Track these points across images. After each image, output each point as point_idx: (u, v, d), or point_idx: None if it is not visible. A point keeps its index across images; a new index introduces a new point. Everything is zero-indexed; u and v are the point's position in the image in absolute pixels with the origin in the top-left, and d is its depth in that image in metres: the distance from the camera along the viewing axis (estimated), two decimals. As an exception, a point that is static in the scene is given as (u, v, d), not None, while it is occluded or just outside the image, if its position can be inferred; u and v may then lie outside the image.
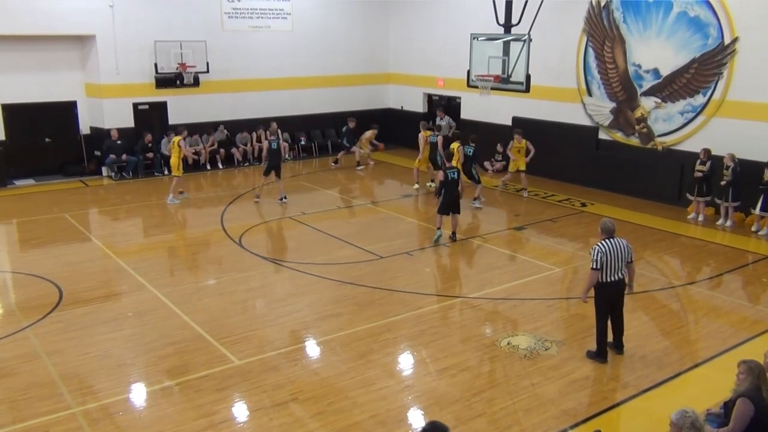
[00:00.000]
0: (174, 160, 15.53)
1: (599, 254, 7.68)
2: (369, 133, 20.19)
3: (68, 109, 18.37)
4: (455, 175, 12.43)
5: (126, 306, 9.78)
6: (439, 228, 12.67)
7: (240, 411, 7.10)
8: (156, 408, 7.11)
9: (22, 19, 16.39)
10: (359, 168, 19.51)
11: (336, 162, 19.95)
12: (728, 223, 13.75)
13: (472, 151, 15.02)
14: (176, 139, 15.49)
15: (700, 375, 7.84)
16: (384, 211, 15.20)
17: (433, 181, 17.39)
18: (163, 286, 10.51)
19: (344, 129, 19.74)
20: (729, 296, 10.35)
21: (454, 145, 14.80)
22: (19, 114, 17.51)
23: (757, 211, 13.20)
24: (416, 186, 16.93)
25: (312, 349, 8.58)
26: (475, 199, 15.29)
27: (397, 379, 7.75)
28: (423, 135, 16.66)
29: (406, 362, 8.23)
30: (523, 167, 16.23)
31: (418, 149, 16.98)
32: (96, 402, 7.17)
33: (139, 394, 7.43)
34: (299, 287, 10.62)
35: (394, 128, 22.34)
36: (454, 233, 12.78)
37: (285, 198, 15.58)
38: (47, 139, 18.19)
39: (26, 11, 16.42)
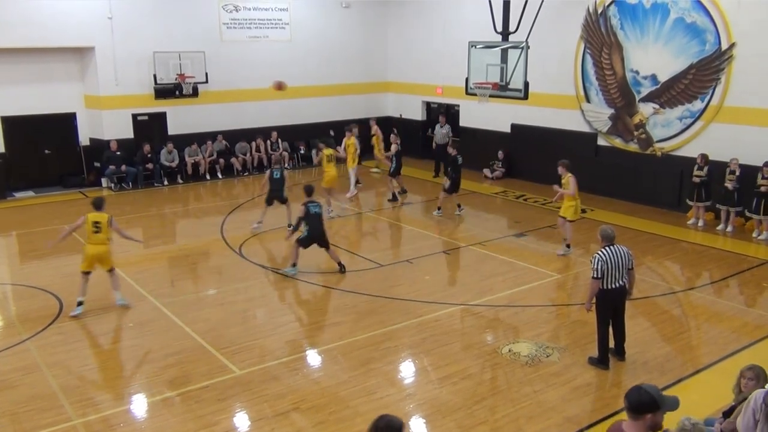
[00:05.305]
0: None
1: (599, 263, 7.68)
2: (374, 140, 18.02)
3: (68, 121, 18.39)
4: (318, 209, 11.41)
5: (126, 317, 9.76)
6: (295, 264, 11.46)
7: (241, 421, 7.08)
8: (157, 419, 7.09)
9: (21, 32, 16.43)
10: (352, 194, 16.95)
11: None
12: (729, 228, 13.75)
13: None
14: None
15: (702, 380, 7.82)
16: (383, 219, 15.20)
17: (377, 167, 17.03)
18: (163, 296, 10.49)
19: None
20: (730, 301, 10.35)
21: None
22: (18, 126, 17.52)
23: (754, 214, 13.22)
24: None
25: (313, 358, 8.56)
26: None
27: (399, 388, 7.73)
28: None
29: (407, 370, 8.21)
30: (569, 216, 12.25)
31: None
32: (97, 414, 7.15)
33: (140, 405, 7.41)
34: (299, 296, 10.60)
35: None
36: (339, 264, 11.55)
37: (291, 226, 13.66)
38: (47, 151, 18.20)
39: (25, 24, 16.46)
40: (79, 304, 9.70)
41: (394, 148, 16.55)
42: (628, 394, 3.91)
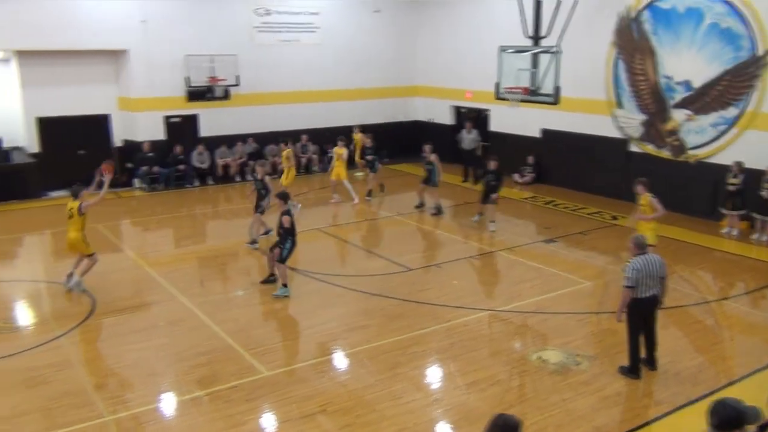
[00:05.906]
0: None
1: (634, 272, 7.57)
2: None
3: (102, 122, 18.71)
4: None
5: (157, 316, 9.90)
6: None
7: (268, 422, 7.13)
8: (186, 418, 7.17)
9: (58, 35, 16.79)
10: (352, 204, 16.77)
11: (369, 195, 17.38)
12: (764, 237, 13.46)
13: None
14: None
15: (735, 392, 7.61)
16: (411, 223, 15.19)
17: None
18: (193, 296, 10.61)
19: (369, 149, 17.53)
20: (765, 312, 10.14)
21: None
22: (53, 127, 17.88)
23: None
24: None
25: (340, 360, 8.58)
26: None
27: (426, 393, 7.71)
28: None
29: (434, 375, 8.19)
30: (651, 240, 10.14)
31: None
32: (127, 411, 7.25)
33: (169, 403, 7.50)
34: (327, 299, 10.63)
35: (421, 141, 22.25)
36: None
37: (268, 232, 13.60)
38: (81, 152, 18.53)
39: (62, 27, 16.81)
40: (69, 275, 10.83)
41: (434, 158, 15.66)
42: (715, 411, 3.80)
